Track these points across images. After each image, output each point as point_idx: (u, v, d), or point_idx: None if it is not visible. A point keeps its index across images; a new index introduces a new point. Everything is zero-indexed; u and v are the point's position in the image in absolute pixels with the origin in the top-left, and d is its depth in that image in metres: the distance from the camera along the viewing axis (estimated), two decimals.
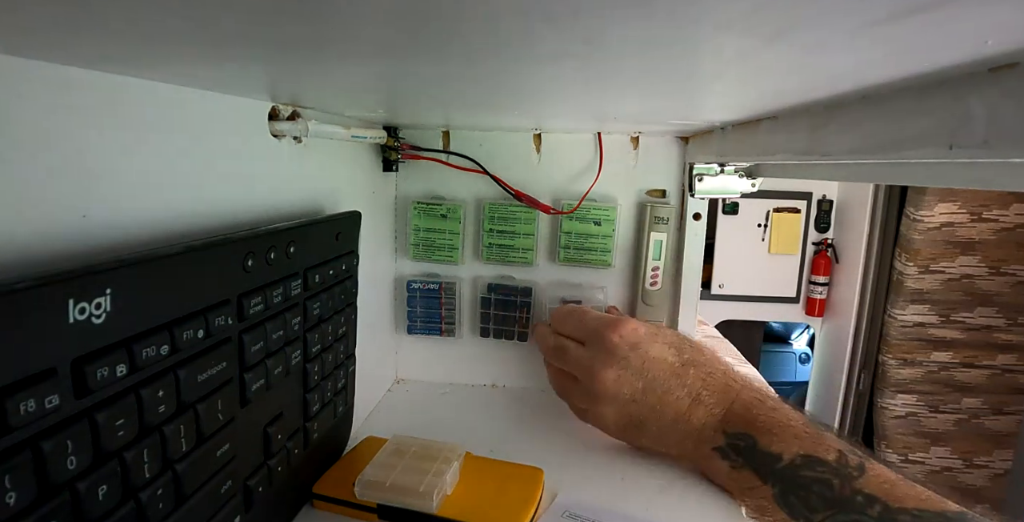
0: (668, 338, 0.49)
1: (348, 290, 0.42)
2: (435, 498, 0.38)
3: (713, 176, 0.55)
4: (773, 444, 0.40)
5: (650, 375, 0.46)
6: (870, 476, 0.36)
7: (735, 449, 0.42)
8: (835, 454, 0.38)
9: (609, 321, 0.50)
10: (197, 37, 0.18)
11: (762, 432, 0.41)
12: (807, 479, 0.38)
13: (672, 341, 0.49)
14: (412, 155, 0.58)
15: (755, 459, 0.41)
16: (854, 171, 0.38)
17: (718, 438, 0.43)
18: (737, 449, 0.42)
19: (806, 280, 1.70)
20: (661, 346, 0.48)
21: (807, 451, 0.39)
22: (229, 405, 0.28)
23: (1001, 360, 1.45)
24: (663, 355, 0.47)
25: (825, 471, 0.37)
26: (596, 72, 0.24)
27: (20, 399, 0.17)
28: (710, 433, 0.44)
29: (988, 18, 0.14)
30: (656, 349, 0.48)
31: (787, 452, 0.39)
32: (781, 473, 0.39)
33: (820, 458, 0.38)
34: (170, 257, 0.23)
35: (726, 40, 0.17)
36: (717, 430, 0.43)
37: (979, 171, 0.25)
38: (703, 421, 0.44)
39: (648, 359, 0.47)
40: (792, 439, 0.40)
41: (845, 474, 0.37)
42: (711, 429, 0.44)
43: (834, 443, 0.39)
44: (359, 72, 0.26)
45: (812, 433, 0.40)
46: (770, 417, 0.42)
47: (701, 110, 0.38)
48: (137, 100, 0.26)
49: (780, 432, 0.40)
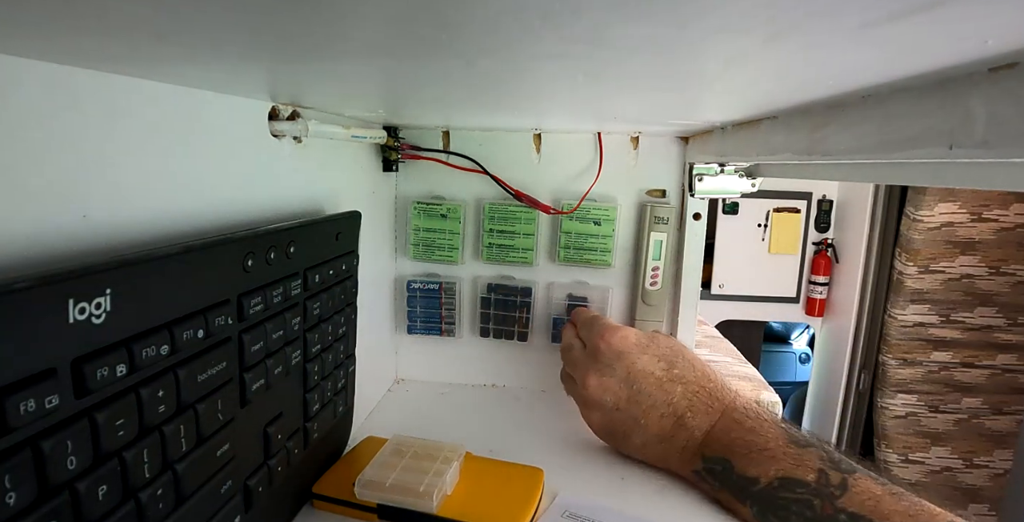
0: (660, 350, 0.48)
1: (348, 290, 0.42)
2: (435, 498, 0.38)
3: (713, 176, 0.55)
4: (749, 467, 0.40)
5: (636, 386, 0.46)
6: (853, 493, 0.36)
7: (711, 473, 0.42)
8: (814, 474, 0.38)
9: (603, 327, 0.50)
10: (197, 37, 0.18)
11: (738, 456, 0.41)
12: (786, 500, 0.37)
13: (663, 354, 0.48)
14: (412, 155, 0.58)
15: (731, 482, 0.41)
16: (854, 171, 0.38)
17: (696, 461, 0.43)
18: (714, 473, 0.42)
19: (806, 280, 1.70)
20: (650, 358, 0.47)
21: (785, 473, 0.38)
22: (229, 405, 0.28)
23: (1001, 360, 1.45)
24: (650, 368, 0.47)
25: (804, 492, 0.37)
26: (596, 72, 0.24)
27: (20, 399, 0.17)
28: (689, 456, 0.44)
29: (988, 18, 0.14)
30: (644, 361, 0.47)
31: (764, 475, 0.39)
32: (758, 495, 0.39)
33: (798, 479, 0.38)
34: (170, 257, 0.23)
35: (726, 40, 0.17)
36: (696, 454, 0.43)
37: (979, 171, 0.25)
38: (683, 444, 0.44)
39: (634, 370, 0.47)
40: (769, 461, 0.39)
41: (826, 493, 0.36)
42: (690, 452, 0.44)
43: (815, 462, 0.38)
44: (359, 72, 0.26)
45: (791, 453, 0.39)
46: (746, 440, 0.41)
47: (701, 110, 0.38)
48: (137, 100, 0.26)
49: (756, 455, 0.40)
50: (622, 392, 0.46)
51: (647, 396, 0.46)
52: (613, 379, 0.47)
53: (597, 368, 0.48)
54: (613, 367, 0.47)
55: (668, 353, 0.48)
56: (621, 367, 0.47)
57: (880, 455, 1.55)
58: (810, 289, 1.69)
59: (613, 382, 0.47)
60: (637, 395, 0.46)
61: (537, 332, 0.63)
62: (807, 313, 1.71)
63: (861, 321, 1.57)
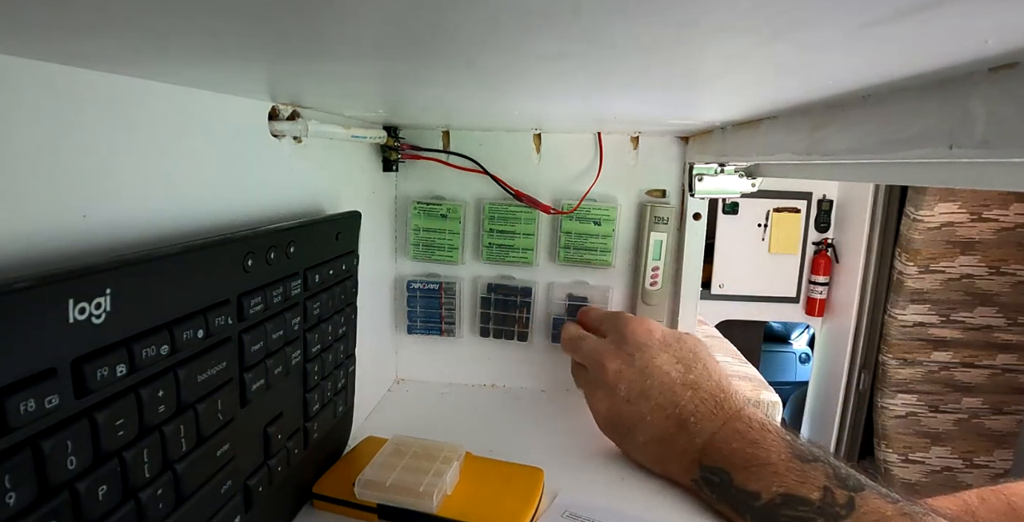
0: (681, 352, 0.48)
1: (348, 290, 0.42)
2: (435, 498, 0.38)
3: (713, 176, 0.55)
4: (750, 482, 0.38)
5: (649, 381, 0.46)
6: (860, 514, 0.34)
7: (709, 483, 0.41)
8: (819, 492, 0.36)
9: (630, 318, 0.51)
10: (197, 37, 0.18)
11: (738, 468, 0.39)
12: (788, 518, 0.36)
13: (683, 357, 0.47)
14: (412, 155, 0.58)
15: (729, 496, 0.39)
16: (854, 171, 0.38)
17: (694, 470, 0.42)
18: (711, 484, 0.41)
19: (806, 280, 1.70)
20: (669, 358, 0.47)
21: (788, 490, 0.37)
22: (229, 405, 0.28)
23: (1001, 360, 1.45)
24: (667, 368, 0.46)
25: (808, 511, 0.35)
26: (596, 71, 0.24)
27: (20, 399, 0.17)
28: (688, 463, 0.43)
29: (988, 18, 0.14)
30: (662, 359, 0.47)
31: (765, 491, 0.37)
32: (759, 511, 0.37)
33: (802, 497, 0.36)
34: (170, 257, 0.23)
35: (726, 40, 0.17)
36: (695, 461, 0.42)
37: (979, 171, 0.25)
38: (682, 449, 0.43)
39: (651, 365, 0.47)
40: (771, 476, 0.38)
41: (831, 513, 0.35)
42: (689, 459, 0.43)
43: (820, 479, 0.37)
44: (359, 72, 0.26)
45: (795, 468, 0.38)
46: (748, 452, 0.40)
47: (701, 110, 0.38)
48: (137, 100, 0.26)
49: (758, 469, 0.38)
50: (636, 384, 0.46)
51: (658, 393, 0.45)
52: (632, 369, 0.47)
53: (619, 354, 0.48)
54: (634, 357, 0.47)
55: (689, 357, 0.48)
56: (641, 359, 0.47)
57: (880, 455, 1.55)
58: (810, 289, 1.69)
59: (631, 372, 0.47)
60: (649, 390, 0.46)
61: (537, 332, 0.63)
62: (807, 313, 1.71)
63: (861, 321, 1.57)
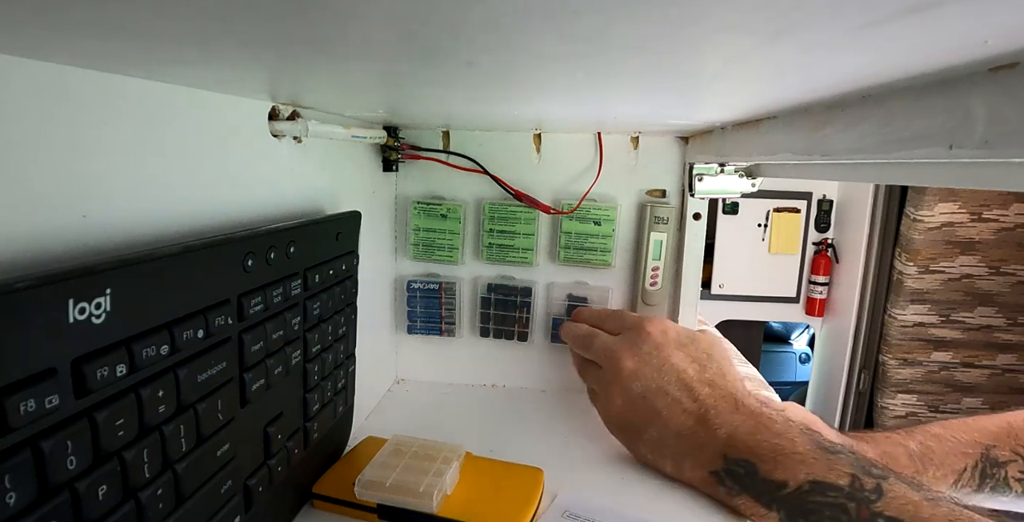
0: (696, 352, 0.48)
1: (348, 290, 0.42)
2: (435, 498, 0.38)
3: (713, 176, 0.55)
4: (775, 471, 0.39)
5: (665, 378, 0.46)
6: (889, 499, 0.35)
7: (732, 475, 0.41)
8: (848, 478, 0.37)
9: (645, 317, 0.51)
10: (197, 37, 0.18)
11: (764, 459, 0.40)
12: (817, 504, 0.36)
13: (697, 357, 0.48)
14: (412, 155, 0.58)
15: (754, 486, 0.40)
16: (854, 171, 0.38)
17: (717, 462, 0.42)
18: (734, 475, 0.41)
19: (806, 280, 1.70)
20: (684, 357, 0.48)
21: (816, 477, 0.37)
22: (229, 405, 0.28)
23: (1001, 360, 1.45)
24: (683, 365, 0.47)
25: (838, 496, 0.36)
26: (596, 71, 0.24)
27: (20, 399, 0.17)
28: (709, 455, 0.43)
29: (988, 18, 0.14)
30: (677, 358, 0.47)
31: (792, 479, 0.38)
32: (786, 499, 0.38)
33: (831, 483, 0.37)
34: (170, 257, 0.23)
35: (726, 40, 0.17)
36: (717, 454, 0.42)
37: (979, 171, 0.25)
38: (703, 442, 0.43)
39: (667, 363, 0.47)
40: (798, 465, 0.38)
41: (861, 497, 0.36)
42: (711, 452, 0.43)
43: (846, 467, 0.37)
44: (359, 72, 0.26)
45: (822, 457, 0.38)
46: (773, 443, 0.40)
47: (701, 110, 0.38)
48: (137, 100, 0.26)
49: (784, 459, 0.39)
50: (651, 381, 0.46)
51: (675, 389, 0.46)
52: (648, 367, 0.47)
53: (635, 352, 0.48)
54: (651, 355, 0.47)
55: (703, 358, 0.48)
56: (658, 357, 0.47)
57: None
58: (810, 289, 1.69)
59: (648, 370, 0.47)
60: (666, 386, 0.46)
61: (537, 332, 0.63)
62: (807, 313, 1.71)
63: (861, 321, 1.57)
